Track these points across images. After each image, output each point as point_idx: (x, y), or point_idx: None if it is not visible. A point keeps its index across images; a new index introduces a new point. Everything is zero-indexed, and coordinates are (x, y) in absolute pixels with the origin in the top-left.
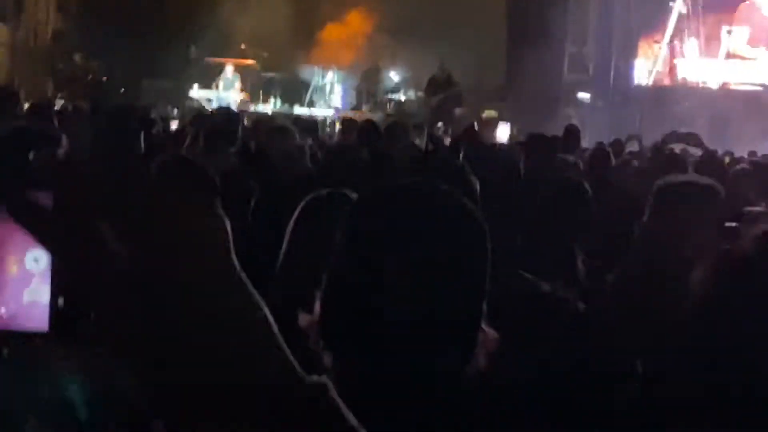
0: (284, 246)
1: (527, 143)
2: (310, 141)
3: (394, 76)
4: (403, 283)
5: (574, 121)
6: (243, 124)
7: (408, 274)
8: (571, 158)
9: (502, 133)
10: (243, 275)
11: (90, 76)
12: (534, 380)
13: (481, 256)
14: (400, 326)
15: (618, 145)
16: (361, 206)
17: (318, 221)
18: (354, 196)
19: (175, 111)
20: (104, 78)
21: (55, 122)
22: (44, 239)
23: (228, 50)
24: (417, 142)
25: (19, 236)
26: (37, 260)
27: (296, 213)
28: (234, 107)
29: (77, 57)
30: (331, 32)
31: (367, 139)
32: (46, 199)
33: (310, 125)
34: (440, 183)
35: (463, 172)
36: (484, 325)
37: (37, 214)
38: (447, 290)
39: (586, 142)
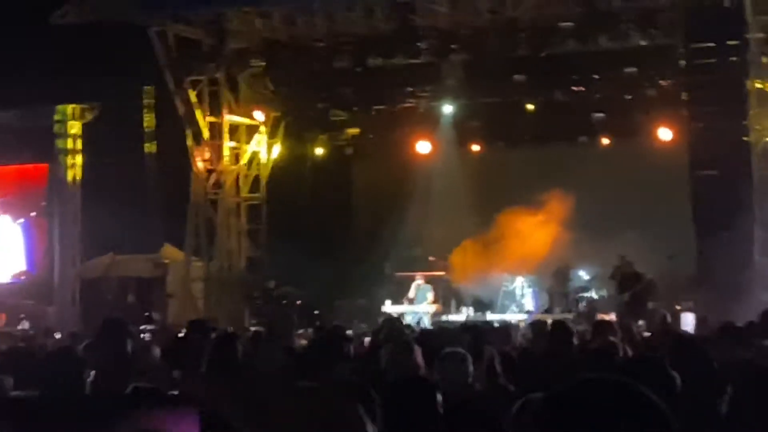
0: None
1: (721, 333)
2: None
3: (583, 274)
4: None
5: None
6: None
7: None
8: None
9: (687, 323)
10: None
11: (284, 302)
12: None
13: None
14: None
15: None
16: (547, 406)
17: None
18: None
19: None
20: (298, 302)
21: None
22: None
23: (417, 264)
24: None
25: None
26: None
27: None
28: (427, 319)
29: (271, 284)
30: (519, 221)
31: (559, 340)
32: (191, 419)
33: (502, 333)
34: (623, 378)
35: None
36: None
37: None
38: None
39: None
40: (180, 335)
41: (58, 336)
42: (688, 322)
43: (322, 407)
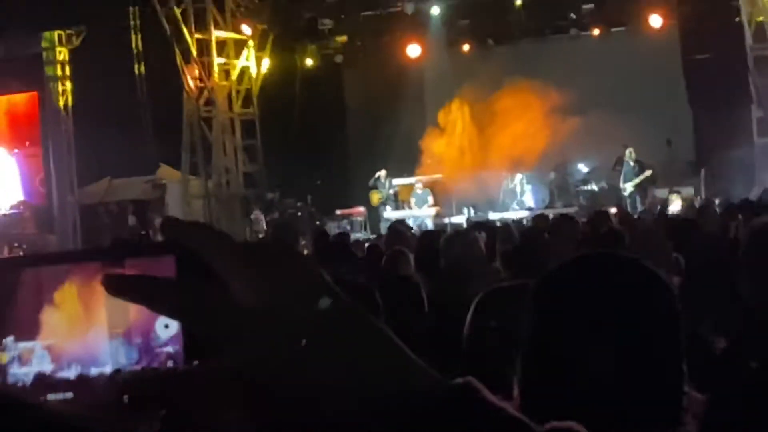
0: (467, 332)
1: (728, 211)
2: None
3: (583, 167)
4: (599, 353)
5: None
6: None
7: (603, 344)
8: None
9: (675, 205)
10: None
11: (285, 214)
12: None
13: (673, 319)
14: (604, 396)
15: None
16: (546, 282)
17: (500, 309)
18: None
19: (366, 234)
20: (298, 213)
21: None
22: (170, 310)
23: (415, 168)
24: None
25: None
26: (167, 326)
27: (476, 302)
28: (429, 223)
29: (270, 197)
30: (514, 117)
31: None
32: (168, 264)
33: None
34: (619, 252)
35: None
36: (688, 388)
37: (158, 288)
38: (645, 356)
39: None
40: None
41: None
42: (677, 205)
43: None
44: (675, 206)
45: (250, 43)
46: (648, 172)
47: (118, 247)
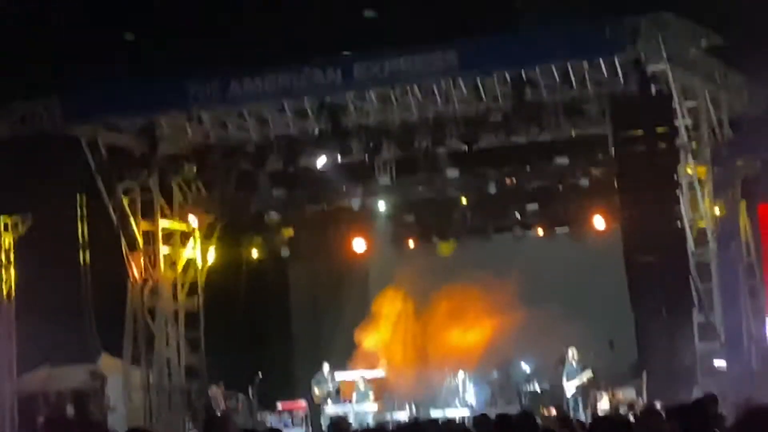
0: None
1: (668, 415)
2: None
3: (526, 367)
4: None
5: (712, 390)
6: None
7: None
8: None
9: (603, 403)
10: None
11: (225, 407)
12: None
13: None
14: None
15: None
16: None
17: None
18: None
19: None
20: (239, 407)
21: None
22: None
23: (357, 362)
24: None
25: None
26: None
27: None
28: (370, 419)
29: (212, 389)
30: (456, 315)
31: None
32: None
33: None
34: None
35: None
36: None
37: None
38: None
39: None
40: None
41: None
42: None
43: None
44: (603, 404)
45: (197, 233)
46: (587, 373)
47: None
